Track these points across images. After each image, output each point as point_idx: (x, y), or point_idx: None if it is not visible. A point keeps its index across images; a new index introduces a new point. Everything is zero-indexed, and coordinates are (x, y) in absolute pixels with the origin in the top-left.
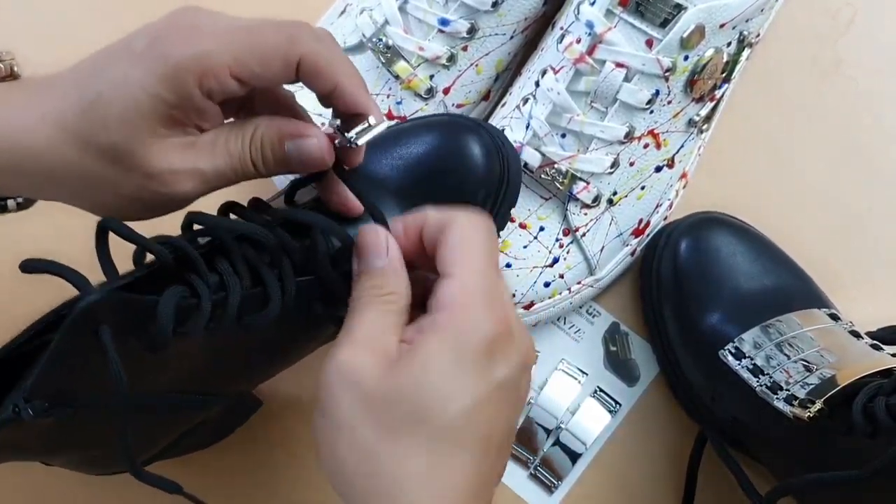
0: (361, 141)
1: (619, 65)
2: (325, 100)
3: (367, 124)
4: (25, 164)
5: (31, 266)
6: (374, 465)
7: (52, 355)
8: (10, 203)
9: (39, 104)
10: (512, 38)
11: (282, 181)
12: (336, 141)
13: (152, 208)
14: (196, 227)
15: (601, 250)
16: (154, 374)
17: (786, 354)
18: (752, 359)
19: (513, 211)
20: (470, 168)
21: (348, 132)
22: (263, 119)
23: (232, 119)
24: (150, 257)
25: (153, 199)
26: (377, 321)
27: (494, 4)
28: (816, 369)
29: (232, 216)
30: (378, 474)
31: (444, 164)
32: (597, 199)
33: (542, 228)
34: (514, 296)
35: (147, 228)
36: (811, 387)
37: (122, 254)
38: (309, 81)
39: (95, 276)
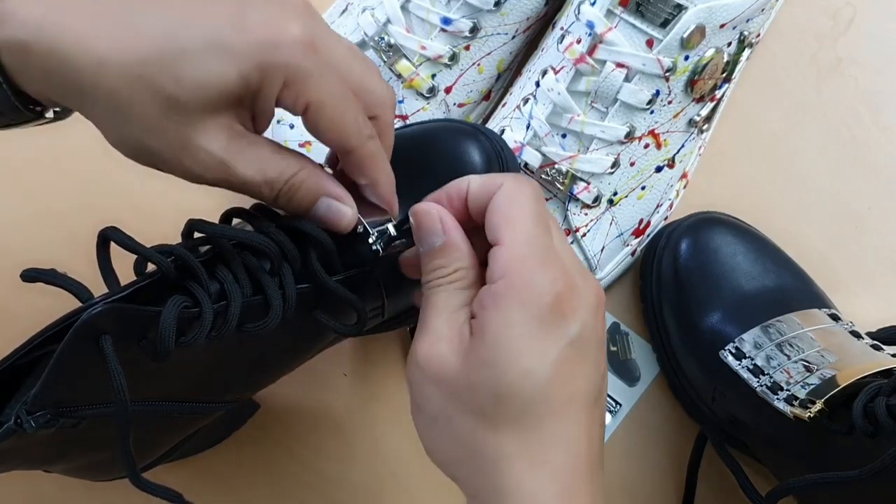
0: (383, 251)
1: (619, 65)
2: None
3: (386, 228)
4: (81, 84)
5: (32, 275)
6: (474, 450)
7: (54, 367)
8: (49, 113)
9: (104, 38)
10: (514, 37)
11: None
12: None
13: (164, 162)
14: (196, 234)
15: (601, 250)
16: (155, 382)
17: (786, 354)
18: (752, 359)
19: None
20: (469, 173)
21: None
22: (310, 165)
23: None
24: (151, 266)
25: (171, 158)
26: (447, 305)
27: (497, 4)
28: (817, 369)
29: (235, 221)
30: (479, 457)
31: (444, 170)
32: (597, 200)
33: None
34: None
35: (148, 235)
36: (811, 387)
37: (125, 263)
38: (351, 172)
39: (99, 283)
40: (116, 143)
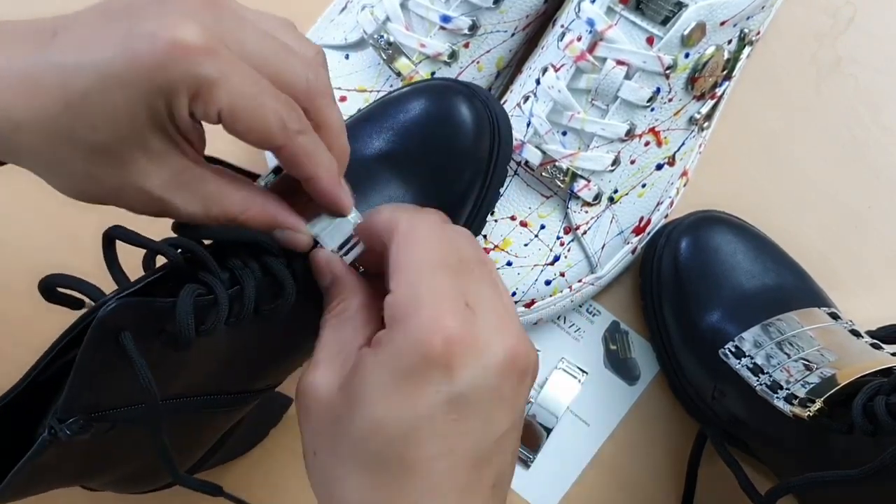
0: (348, 258)
1: (619, 62)
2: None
3: (350, 237)
4: (6, 147)
5: (49, 283)
6: (329, 489)
7: (78, 370)
8: None
9: (17, 100)
10: (513, 35)
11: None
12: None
13: (108, 203)
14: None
15: (602, 248)
16: (181, 376)
17: (786, 353)
18: (752, 358)
19: (514, 209)
20: (458, 134)
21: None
22: (259, 198)
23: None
24: (159, 261)
25: (112, 201)
26: (333, 335)
27: (496, 1)
28: (816, 368)
29: None
30: (331, 497)
31: (430, 132)
32: (598, 197)
33: (542, 226)
34: (514, 294)
35: (147, 234)
36: (811, 386)
37: (132, 262)
38: (289, 169)
39: (105, 286)
40: (61, 190)
